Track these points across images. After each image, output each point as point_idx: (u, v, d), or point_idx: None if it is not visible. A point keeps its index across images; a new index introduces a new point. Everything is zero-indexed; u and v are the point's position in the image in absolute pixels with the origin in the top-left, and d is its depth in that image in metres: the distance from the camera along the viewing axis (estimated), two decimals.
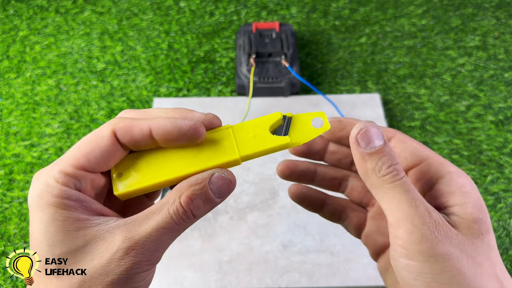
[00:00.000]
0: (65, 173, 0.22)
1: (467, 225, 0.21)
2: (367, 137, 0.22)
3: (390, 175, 0.21)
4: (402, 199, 0.21)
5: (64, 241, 0.21)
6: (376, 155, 0.22)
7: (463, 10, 0.75)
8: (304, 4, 0.77)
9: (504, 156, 0.58)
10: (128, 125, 0.23)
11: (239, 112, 0.60)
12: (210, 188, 0.22)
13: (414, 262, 0.21)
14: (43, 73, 0.67)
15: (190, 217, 0.22)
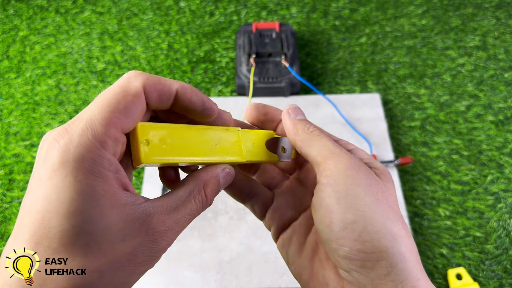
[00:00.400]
0: (108, 134, 0.20)
1: (379, 173, 0.25)
2: (296, 110, 0.28)
3: (316, 131, 0.26)
4: (328, 143, 0.25)
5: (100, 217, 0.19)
6: (304, 121, 0.27)
7: (463, 10, 0.75)
8: (304, 4, 0.77)
9: (504, 156, 0.58)
10: (158, 82, 0.22)
11: (239, 112, 0.60)
12: (221, 181, 0.25)
13: (339, 186, 0.23)
14: (43, 73, 0.67)
15: (208, 204, 0.24)
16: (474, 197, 0.55)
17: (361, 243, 0.22)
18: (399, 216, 0.24)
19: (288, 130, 0.28)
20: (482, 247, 0.51)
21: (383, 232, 0.22)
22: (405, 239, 0.23)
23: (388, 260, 0.22)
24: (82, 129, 0.19)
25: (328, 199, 0.23)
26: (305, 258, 0.26)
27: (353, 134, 0.58)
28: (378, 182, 0.24)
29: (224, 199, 0.53)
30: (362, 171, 0.24)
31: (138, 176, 0.56)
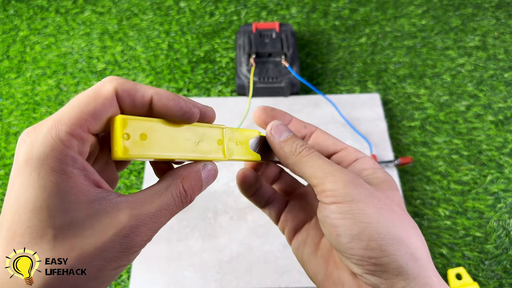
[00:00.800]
0: (72, 133, 0.20)
1: (378, 182, 0.26)
2: (278, 130, 0.28)
3: (304, 151, 0.26)
4: (319, 162, 0.25)
5: (66, 212, 0.19)
6: (289, 141, 0.27)
7: (463, 10, 0.75)
8: (304, 4, 0.77)
9: (503, 156, 0.58)
10: (132, 87, 0.22)
11: (239, 112, 0.60)
12: (203, 174, 0.25)
13: (342, 204, 0.24)
14: (43, 73, 0.67)
15: (188, 200, 0.24)
16: (474, 197, 0.55)
17: (370, 250, 0.23)
18: (405, 218, 0.25)
19: (276, 153, 0.28)
20: (482, 247, 0.52)
21: (389, 237, 0.23)
22: (413, 239, 0.24)
23: (398, 261, 0.23)
24: (47, 128, 0.20)
25: (332, 215, 0.24)
26: (320, 259, 0.28)
27: (353, 134, 0.58)
28: (377, 192, 0.25)
29: (224, 199, 0.53)
30: (360, 186, 0.24)
31: (138, 176, 0.56)
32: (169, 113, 0.23)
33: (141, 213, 0.21)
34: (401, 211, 0.25)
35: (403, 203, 0.26)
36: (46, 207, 0.19)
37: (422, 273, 0.23)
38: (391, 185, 0.26)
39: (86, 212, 0.20)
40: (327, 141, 0.29)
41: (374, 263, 0.23)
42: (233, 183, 0.54)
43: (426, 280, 0.23)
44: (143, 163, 0.57)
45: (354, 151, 0.29)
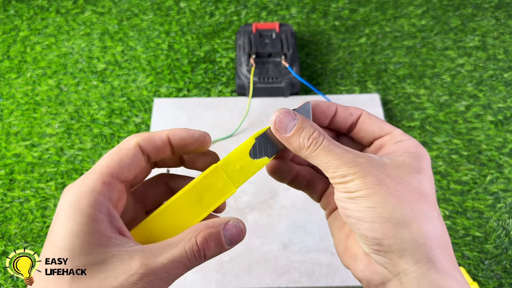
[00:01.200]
0: (102, 181, 0.24)
1: (395, 166, 0.26)
2: (283, 124, 0.27)
3: (312, 146, 0.26)
4: (329, 157, 0.25)
5: (85, 254, 0.22)
6: (296, 134, 0.26)
7: (463, 10, 0.75)
8: (304, 5, 0.77)
9: (503, 156, 0.58)
10: (149, 135, 0.26)
11: (239, 112, 0.61)
12: (223, 234, 0.25)
13: (352, 193, 0.25)
14: (44, 73, 0.67)
15: (201, 257, 0.24)
16: (474, 197, 0.55)
17: (373, 231, 0.24)
18: (420, 202, 0.25)
19: (289, 148, 0.28)
20: (481, 247, 0.52)
21: (392, 222, 0.24)
22: (420, 225, 0.24)
23: (399, 245, 0.24)
24: (82, 179, 0.24)
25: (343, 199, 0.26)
26: (343, 234, 0.30)
27: None
28: (389, 178, 0.25)
29: None
30: (370, 174, 0.25)
31: None
32: (186, 143, 0.27)
33: (152, 262, 0.22)
34: (414, 196, 0.25)
35: (425, 186, 0.26)
36: (69, 248, 0.22)
37: (424, 259, 0.23)
38: (412, 169, 0.26)
39: (103, 256, 0.22)
40: (372, 126, 0.29)
41: (378, 243, 0.24)
42: None
43: (428, 265, 0.23)
44: None
45: (399, 135, 0.28)
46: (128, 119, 0.62)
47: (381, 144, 0.29)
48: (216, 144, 0.58)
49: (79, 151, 0.59)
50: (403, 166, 0.26)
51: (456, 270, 0.24)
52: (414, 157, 0.27)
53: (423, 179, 0.26)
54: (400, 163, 0.26)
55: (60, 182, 0.56)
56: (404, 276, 0.24)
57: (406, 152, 0.27)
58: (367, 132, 0.29)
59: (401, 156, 0.27)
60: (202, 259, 0.24)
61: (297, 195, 0.53)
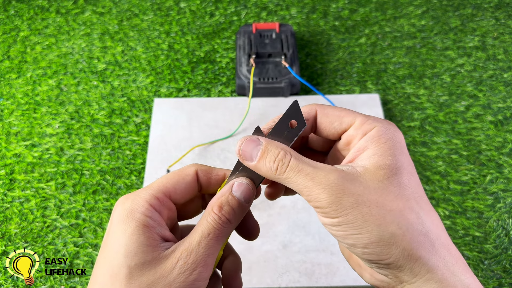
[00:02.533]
0: (155, 196, 0.26)
1: (370, 174, 0.24)
2: (247, 152, 0.27)
3: (279, 168, 0.25)
4: (299, 179, 0.25)
5: (139, 254, 0.24)
6: (261, 160, 0.26)
7: (462, 10, 0.75)
8: (304, 5, 0.77)
9: (503, 156, 0.58)
10: (208, 169, 0.29)
11: (239, 113, 0.61)
12: (235, 195, 0.27)
13: (332, 219, 0.24)
14: (44, 73, 0.68)
15: (225, 222, 0.26)
16: (473, 197, 0.55)
17: (368, 255, 0.24)
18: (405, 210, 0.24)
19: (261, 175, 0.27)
20: (481, 246, 0.52)
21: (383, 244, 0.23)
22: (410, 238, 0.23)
23: (396, 263, 0.24)
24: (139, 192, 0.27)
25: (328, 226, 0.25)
26: None
27: None
28: (368, 193, 0.24)
29: None
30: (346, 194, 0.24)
31: (139, 176, 0.56)
32: None
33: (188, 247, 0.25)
34: (398, 206, 0.24)
35: (406, 187, 0.24)
36: (124, 249, 0.24)
37: (423, 271, 0.23)
38: (389, 171, 0.24)
39: (153, 255, 0.24)
40: (332, 123, 0.28)
41: (375, 263, 0.24)
42: None
43: (428, 276, 0.23)
44: (144, 163, 0.57)
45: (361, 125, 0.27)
46: (128, 119, 0.62)
47: (348, 140, 0.27)
48: (216, 144, 0.58)
49: (79, 151, 0.59)
50: (378, 171, 0.24)
51: (461, 271, 0.24)
52: (387, 151, 0.25)
53: (403, 180, 0.25)
54: (375, 168, 0.24)
55: (60, 182, 0.56)
56: (408, 285, 0.24)
57: (377, 145, 0.25)
58: (329, 130, 0.28)
59: (374, 155, 0.25)
60: (228, 223, 0.26)
61: (297, 195, 0.53)
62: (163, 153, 0.57)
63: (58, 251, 0.51)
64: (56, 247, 0.51)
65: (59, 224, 0.53)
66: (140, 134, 0.60)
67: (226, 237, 0.27)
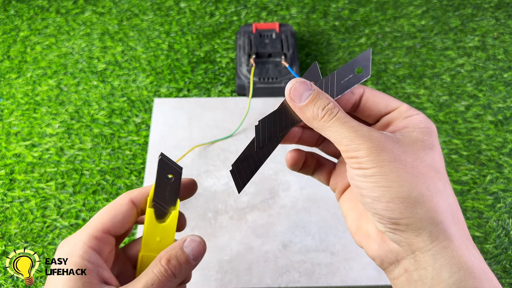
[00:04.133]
0: (94, 236, 0.27)
1: (410, 142, 0.26)
2: (298, 92, 0.26)
3: (326, 116, 0.26)
4: (343, 129, 0.25)
5: None
6: (310, 104, 0.26)
7: (463, 10, 0.75)
8: (304, 5, 0.77)
9: (503, 156, 0.58)
10: (141, 190, 0.29)
11: (239, 112, 0.61)
12: (185, 250, 0.28)
13: (366, 170, 0.24)
14: (44, 73, 0.68)
15: (170, 275, 0.27)
16: (473, 197, 0.55)
17: (390, 211, 0.24)
18: (435, 179, 0.25)
19: (302, 118, 0.27)
20: (481, 246, 0.52)
21: (409, 201, 0.24)
22: (436, 203, 0.24)
23: (416, 224, 0.24)
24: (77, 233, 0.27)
25: (357, 177, 0.25)
26: (355, 214, 0.30)
27: None
28: (404, 155, 0.25)
29: (224, 199, 0.53)
30: (385, 150, 0.24)
31: (139, 176, 0.56)
32: None
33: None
34: (431, 173, 0.25)
35: (438, 163, 0.26)
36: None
37: (442, 236, 0.23)
38: (425, 145, 0.26)
39: None
40: (377, 103, 0.29)
41: (394, 223, 0.24)
42: (232, 183, 0.54)
43: (446, 243, 0.23)
44: (144, 163, 0.57)
45: (407, 109, 0.28)
46: (128, 119, 0.62)
47: (389, 121, 0.28)
48: (216, 144, 0.58)
49: (79, 151, 0.59)
50: (417, 142, 0.26)
51: (472, 246, 0.24)
52: (426, 133, 0.26)
53: (436, 156, 0.26)
54: (414, 139, 0.26)
55: (60, 182, 0.56)
56: (420, 254, 0.24)
57: (417, 127, 0.26)
58: (373, 110, 0.29)
59: (414, 131, 0.26)
60: (173, 277, 0.27)
61: (297, 195, 0.53)
62: None
63: None
64: (56, 247, 0.51)
65: (59, 224, 0.53)
66: (140, 134, 0.60)
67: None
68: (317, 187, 0.54)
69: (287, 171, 0.55)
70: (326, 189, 0.53)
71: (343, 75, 0.28)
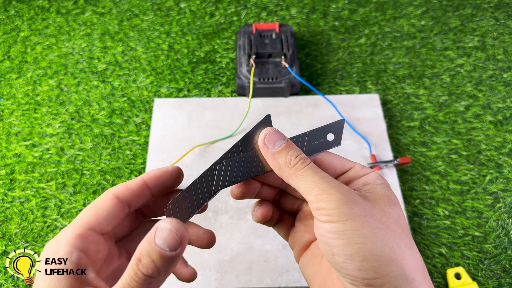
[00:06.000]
0: (78, 234, 0.25)
1: (376, 198, 0.26)
2: (272, 139, 0.27)
3: (299, 163, 0.26)
4: (314, 178, 0.25)
5: None
6: (284, 151, 0.26)
7: (462, 10, 0.75)
8: (304, 5, 0.77)
9: (502, 156, 0.58)
10: (124, 184, 0.28)
11: (239, 113, 0.61)
12: (157, 243, 0.21)
13: (336, 223, 0.24)
14: (44, 74, 0.68)
15: (143, 278, 0.21)
16: (473, 197, 0.55)
17: (364, 271, 0.23)
18: (401, 237, 0.24)
19: (270, 164, 0.27)
20: (481, 246, 0.52)
21: (383, 259, 0.23)
22: (408, 260, 0.24)
23: (391, 283, 0.23)
24: (61, 232, 0.25)
25: (327, 234, 0.24)
26: (321, 279, 0.28)
27: (353, 134, 0.58)
28: (373, 210, 0.25)
29: (224, 198, 0.53)
30: (356, 204, 0.24)
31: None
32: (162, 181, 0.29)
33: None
34: (398, 229, 0.25)
35: (403, 219, 0.26)
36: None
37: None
38: (390, 200, 0.26)
39: None
40: (334, 164, 0.29)
41: (368, 284, 0.23)
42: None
43: None
44: (144, 163, 0.57)
45: (361, 168, 0.28)
46: (128, 119, 0.62)
47: (347, 180, 0.28)
48: (216, 144, 0.58)
49: (79, 151, 0.59)
50: (383, 197, 0.26)
51: None
52: (388, 188, 0.27)
53: (400, 211, 0.26)
54: (379, 195, 0.26)
55: (60, 182, 0.56)
56: None
57: (377, 183, 0.27)
58: (328, 169, 0.28)
59: (376, 188, 0.26)
60: (149, 279, 0.22)
61: None
62: (163, 153, 0.57)
63: None
64: None
65: (60, 224, 0.53)
66: (140, 134, 0.60)
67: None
68: None
69: None
70: None
71: (314, 138, 0.28)
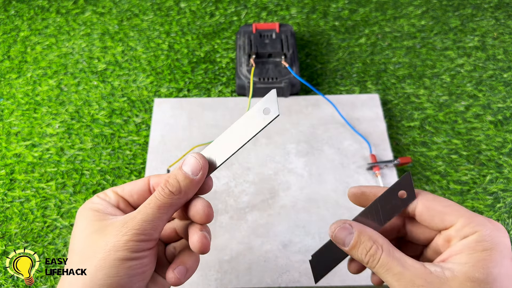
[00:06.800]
0: (104, 192, 0.32)
1: (460, 281, 0.24)
2: (340, 239, 0.28)
3: (369, 263, 0.26)
4: (387, 277, 0.25)
5: (88, 227, 0.29)
6: (353, 250, 0.27)
7: (462, 10, 0.75)
8: (304, 5, 0.77)
9: (503, 156, 0.58)
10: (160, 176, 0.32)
11: (239, 113, 0.61)
12: (183, 169, 0.29)
13: None
14: (44, 74, 0.68)
15: (167, 193, 0.28)
16: (473, 197, 0.55)
17: None
18: None
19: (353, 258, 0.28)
20: None
21: None
22: None
23: None
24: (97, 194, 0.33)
25: None
26: None
27: (353, 134, 0.58)
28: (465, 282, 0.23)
29: (224, 199, 0.53)
30: None
31: (139, 176, 0.56)
32: None
33: (131, 214, 0.29)
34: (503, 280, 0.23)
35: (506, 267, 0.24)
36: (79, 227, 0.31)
37: None
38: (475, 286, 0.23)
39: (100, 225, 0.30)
40: (433, 219, 0.27)
41: None
42: (232, 183, 0.54)
43: None
44: (144, 163, 0.57)
45: (462, 227, 0.25)
46: (128, 119, 0.62)
47: (448, 238, 0.26)
48: None
49: (79, 151, 0.59)
50: (466, 283, 0.23)
51: None
52: (481, 262, 0.24)
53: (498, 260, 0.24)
54: (463, 279, 0.23)
55: (60, 182, 0.56)
56: None
57: (472, 254, 0.24)
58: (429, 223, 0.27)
59: (466, 265, 0.24)
60: (171, 194, 0.28)
61: (297, 195, 0.53)
62: (163, 153, 0.57)
63: (58, 251, 0.51)
64: (56, 247, 0.51)
65: (59, 224, 0.53)
66: (140, 134, 0.60)
67: (170, 208, 0.29)
68: (317, 187, 0.54)
69: (287, 171, 0.55)
70: (326, 189, 0.53)
71: (387, 201, 0.28)
